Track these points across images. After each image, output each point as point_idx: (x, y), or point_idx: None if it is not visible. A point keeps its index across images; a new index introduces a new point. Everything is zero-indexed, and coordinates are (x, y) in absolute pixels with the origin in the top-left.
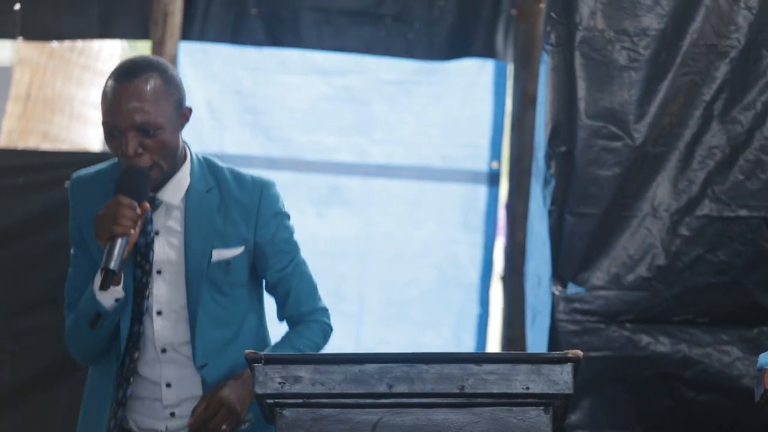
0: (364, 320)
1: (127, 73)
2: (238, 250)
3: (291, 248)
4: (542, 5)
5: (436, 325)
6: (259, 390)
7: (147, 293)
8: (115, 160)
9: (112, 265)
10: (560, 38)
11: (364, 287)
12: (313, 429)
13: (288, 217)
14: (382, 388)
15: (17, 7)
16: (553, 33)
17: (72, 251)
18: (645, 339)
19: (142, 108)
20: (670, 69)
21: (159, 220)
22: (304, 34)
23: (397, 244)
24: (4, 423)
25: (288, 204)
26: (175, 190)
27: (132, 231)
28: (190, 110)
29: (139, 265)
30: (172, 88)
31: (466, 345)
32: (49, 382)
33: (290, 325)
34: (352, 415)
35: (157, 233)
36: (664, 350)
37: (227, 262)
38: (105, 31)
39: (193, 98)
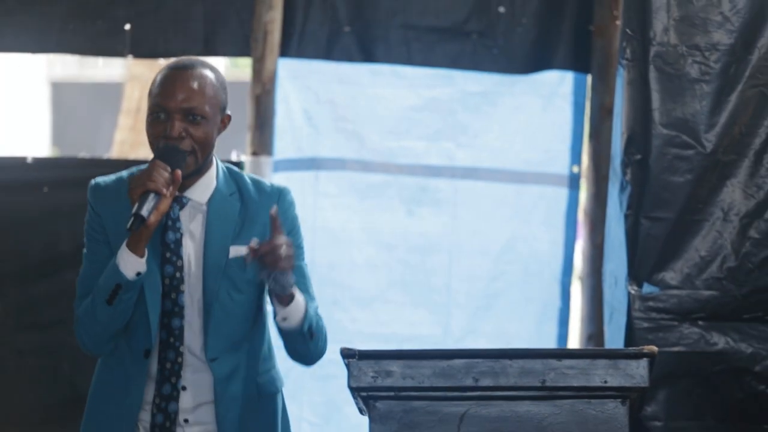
0: (452, 311)
1: (182, 64)
2: None
3: (299, 252)
4: (618, 22)
5: (520, 317)
6: (353, 384)
7: (183, 288)
8: (134, 169)
9: (144, 211)
10: (635, 53)
11: (451, 280)
12: (403, 420)
13: (299, 224)
14: (469, 382)
15: (127, 27)
16: (629, 48)
17: (86, 249)
18: (716, 335)
19: (192, 94)
20: (739, 81)
21: (184, 220)
22: (395, 51)
23: (483, 240)
24: None
25: (380, 203)
26: (203, 190)
27: (165, 192)
28: (229, 118)
29: (170, 261)
30: (221, 89)
31: (549, 336)
32: None
33: None
34: (440, 407)
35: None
36: (734, 346)
37: (244, 259)
38: (208, 48)
39: (291, 108)
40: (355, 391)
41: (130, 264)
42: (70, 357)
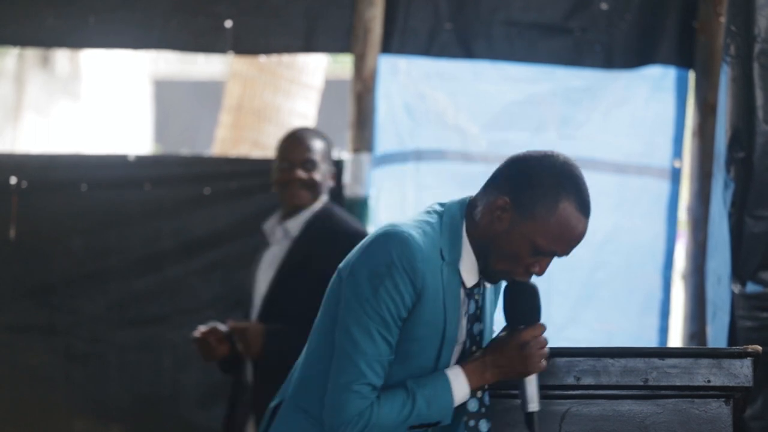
0: (553, 298)
1: (588, 208)
2: None
3: None
4: (722, 19)
5: (622, 308)
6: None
7: None
8: (431, 221)
9: (535, 406)
10: (739, 50)
11: (553, 268)
12: (504, 419)
13: None
14: (570, 380)
15: (229, 24)
16: (733, 45)
17: (382, 325)
18: None
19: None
20: None
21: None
22: (496, 47)
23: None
24: None
25: None
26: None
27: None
28: None
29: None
30: None
31: (651, 328)
32: None
33: None
34: (542, 405)
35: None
36: None
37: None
38: (309, 45)
39: (392, 104)
40: None
41: (460, 400)
42: (171, 352)
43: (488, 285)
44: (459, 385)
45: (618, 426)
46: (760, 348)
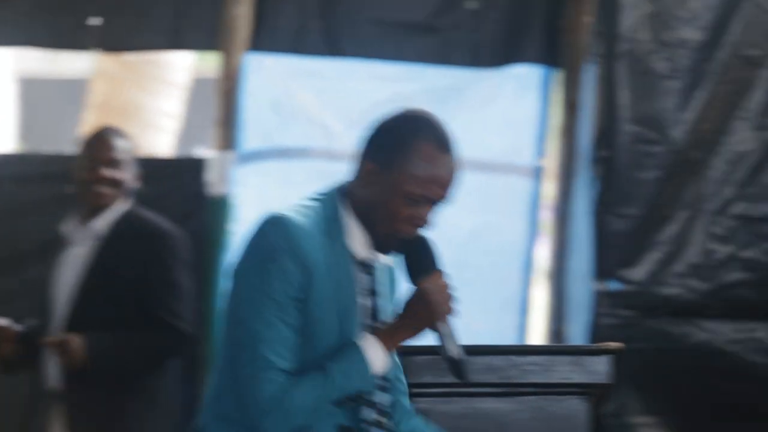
0: None
1: (449, 144)
2: None
3: None
4: (588, 18)
5: (485, 306)
6: None
7: None
8: (310, 204)
9: (459, 355)
10: (604, 49)
11: None
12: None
13: None
14: (431, 379)
15: (95, 21)
16: (598, 44)
17: (274, 307)
18: (680, 332)
19: (452, 183)
20: (707, 78)
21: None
22: (364, 45)
23: (449, 228)
24: None
25: None
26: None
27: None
28: None
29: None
30: None
31: (511, 324)
32: None
33: None
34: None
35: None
36: (697, 342)
37: None
38: (176, 42)
39: (258, 101)
40: None
41: (379, 366)
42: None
43: (384, 262)
44: (373, 351)
45: (478, 424)
46: (619, 345)
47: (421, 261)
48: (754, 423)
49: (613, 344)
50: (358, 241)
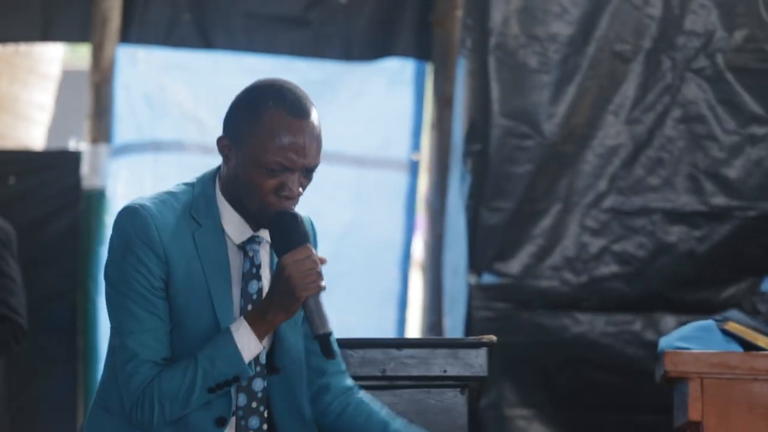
0: None
1: (302, 109)
2: None
3: None
4: (459, 12)
5: (362, 300)
6: None
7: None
8: (176, 191)
9: (330, 328)
10: (475, 43)
11: None
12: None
13: None
14: None
15: None
16: (469, 38)
17: (134, 298)
18: (555, 324)
19: (317, 149)
20: (578, 72)
21: (263, 264)
22: (236, 38)
23: (324, 222)
24: None
25: None
26: None
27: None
28: None
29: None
30: None
31: (389, 320)
32: None
33: None
34: None
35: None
36: (572, 335)
37: None
38: (46, 34)
39: (131, 94)
40: None
41: (251, 351)
42: None
43: (266, 247)
44: (243, 335)
45: None
46: (494, 338)
47: (287, 236)
48: (627, 414)
49: (490, 337)
50: (233, 223)
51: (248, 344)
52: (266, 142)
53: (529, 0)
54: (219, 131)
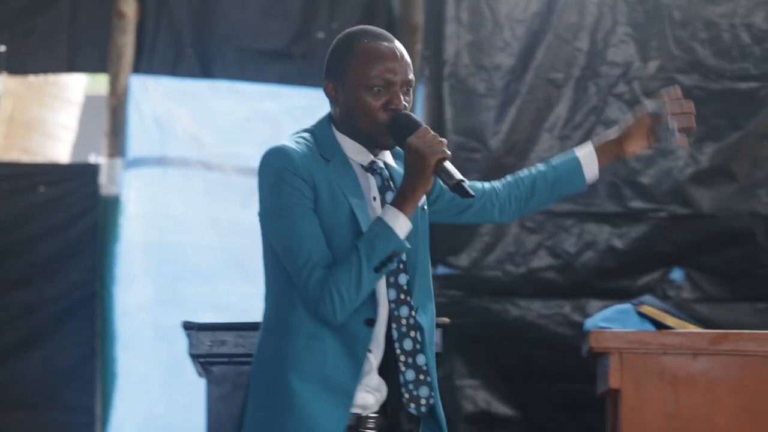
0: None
1: (387, 36)
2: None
3: None
4: (419, 45)
5: None
6: (192, 351)
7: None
8: (302, 134)
9: (460, 176)
10: (432, 72)
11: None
12: (236, 382)
13: None
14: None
15: (2, 49)
16: (427, 68)
17: (297, 215)
18: (498, 308)
19: (408, 65)
20: (518, 96)
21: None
22: (230, 69)
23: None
24: None
25: (219, 197)
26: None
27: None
28: None
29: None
30: None
31: None
32: None
33: None
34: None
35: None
36: (513, 317)
37: (423, 208)
38: (71, 66)
39: (142, 116)
40: (194, 357)
41: (404, 227)
42: None
43: (390, 163)
44: (392, 216)
45: None
46: (448, 320)
47: (405, 127)
48: (558, 384)
49: (444, 319)
50: (355, 151)
51: (398, 222)
52: (366, 66)
53: (477, 35)
54: (216, 149)
